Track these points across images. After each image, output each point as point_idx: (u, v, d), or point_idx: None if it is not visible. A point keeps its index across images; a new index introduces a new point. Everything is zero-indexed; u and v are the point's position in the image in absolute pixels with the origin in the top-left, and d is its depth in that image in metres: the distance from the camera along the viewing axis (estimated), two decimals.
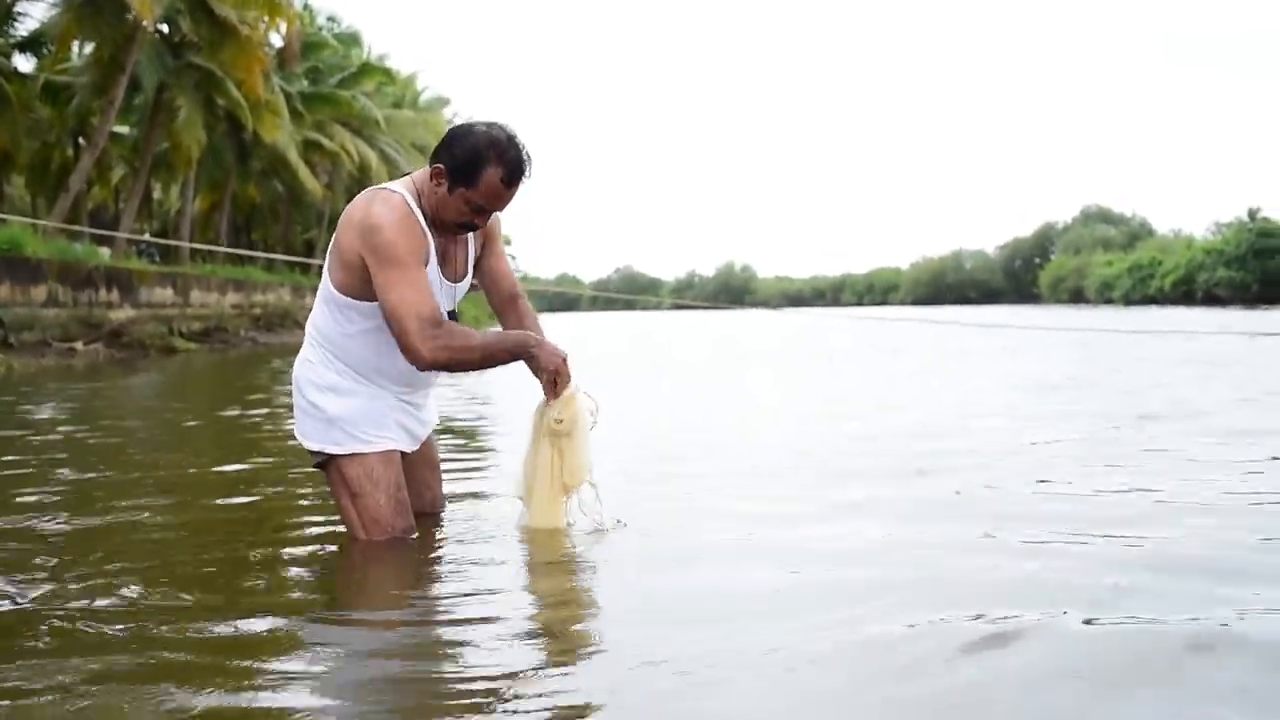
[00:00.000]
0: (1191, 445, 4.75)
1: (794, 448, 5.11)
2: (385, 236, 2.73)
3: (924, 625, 2.19)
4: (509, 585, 2.65)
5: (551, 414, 2.98)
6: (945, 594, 2.43)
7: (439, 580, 2.70)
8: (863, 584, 2.54)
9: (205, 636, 2.23)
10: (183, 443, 5.91)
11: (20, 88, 22.36)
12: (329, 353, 2.94)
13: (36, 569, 2.81)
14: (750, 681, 1.94)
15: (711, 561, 2.85)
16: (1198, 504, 3.42)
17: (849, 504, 3.58)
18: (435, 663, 2.10)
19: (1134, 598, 2.36)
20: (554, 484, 3.02)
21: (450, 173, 2.78)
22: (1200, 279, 61.84)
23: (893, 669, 1.98)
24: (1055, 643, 2.09)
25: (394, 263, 2.73)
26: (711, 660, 2.04)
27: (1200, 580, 2.50)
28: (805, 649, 2.08)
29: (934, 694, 1.87)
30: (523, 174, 2.81)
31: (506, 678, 1.98)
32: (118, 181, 30.60)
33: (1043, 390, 8.08)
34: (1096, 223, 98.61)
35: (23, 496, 3.93)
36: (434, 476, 3.29)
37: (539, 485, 3.04)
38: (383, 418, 2.95)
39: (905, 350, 15.03)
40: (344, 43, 35.79)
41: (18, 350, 14.49)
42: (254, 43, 22.41)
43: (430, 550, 2.96)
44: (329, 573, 2.83)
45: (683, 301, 21.42)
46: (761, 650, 2.08)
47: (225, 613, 2.39)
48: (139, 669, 2.02)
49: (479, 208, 2.82)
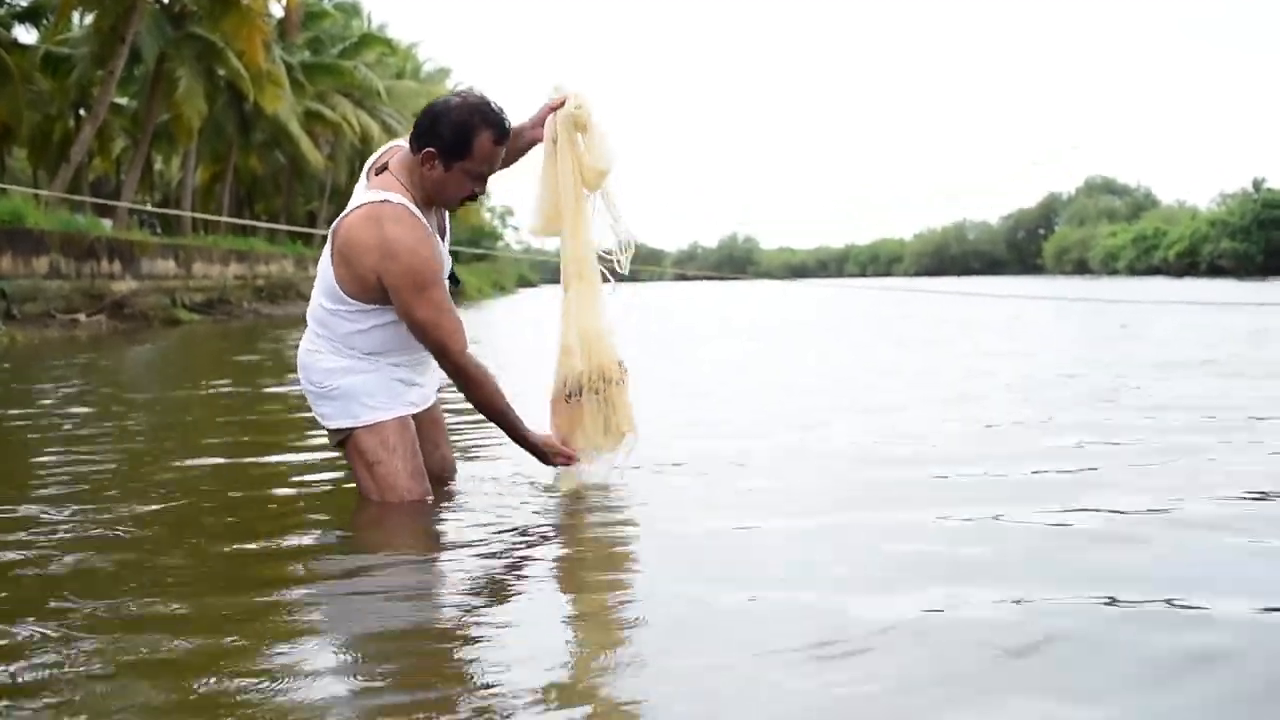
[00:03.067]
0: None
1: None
2: (412, 262, 2.79)
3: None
4: (526, 547, 2.66)
5: (569, 105, 3.03)
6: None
7: (456, 543, 2.70)
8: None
9: (208, 614, 2.23)
10: (183, 413, 5.92)
11: (21, 59, 22.26)
12: (336, 345, 2.96)
13: (38, 554, 2.81)
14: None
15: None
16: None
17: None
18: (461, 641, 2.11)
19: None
20: (576, 183, 3.06)
21: (444, 153, 2.83)
22: (1205, 250, 61.60)
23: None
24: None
25: (425, 285, 2.81)
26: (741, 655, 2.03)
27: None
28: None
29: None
30: (508, 129, 2.87)
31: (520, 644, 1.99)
32: (119, 153, 30.48)
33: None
34: (1101, 194, 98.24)
35: (24, 473, 3.94)
36: (441, 435, 3.32)
37: (559, 190, 3.07)
38: (394, 386, 2.99)
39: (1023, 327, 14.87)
40: (344, 13, 35.54)
41: (20, 322, 14.49)
42: (255, 12, 22.24)
43: (444, 514, 2.97)
44: (345, 536, 2.84)
45: (685, 271, 21.35)
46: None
47: (236, 585, 2.39)
48: (150, 644, 2.03)
49: (479, 175, 2.89)
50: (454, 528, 2.84)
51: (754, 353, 10.05)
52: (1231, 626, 1.99)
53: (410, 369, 3.05)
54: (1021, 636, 1.94)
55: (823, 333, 13.37)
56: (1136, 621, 2.02)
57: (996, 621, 2.02)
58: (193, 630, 2.03)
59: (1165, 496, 3.03)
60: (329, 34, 33.26)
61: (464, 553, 2.59)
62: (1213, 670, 1.81)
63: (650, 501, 3.16)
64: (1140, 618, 2.04)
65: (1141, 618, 2.04)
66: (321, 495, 3.31)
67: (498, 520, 2.88)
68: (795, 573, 2.42)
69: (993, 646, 1.89)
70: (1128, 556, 2.48)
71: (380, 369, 2.98)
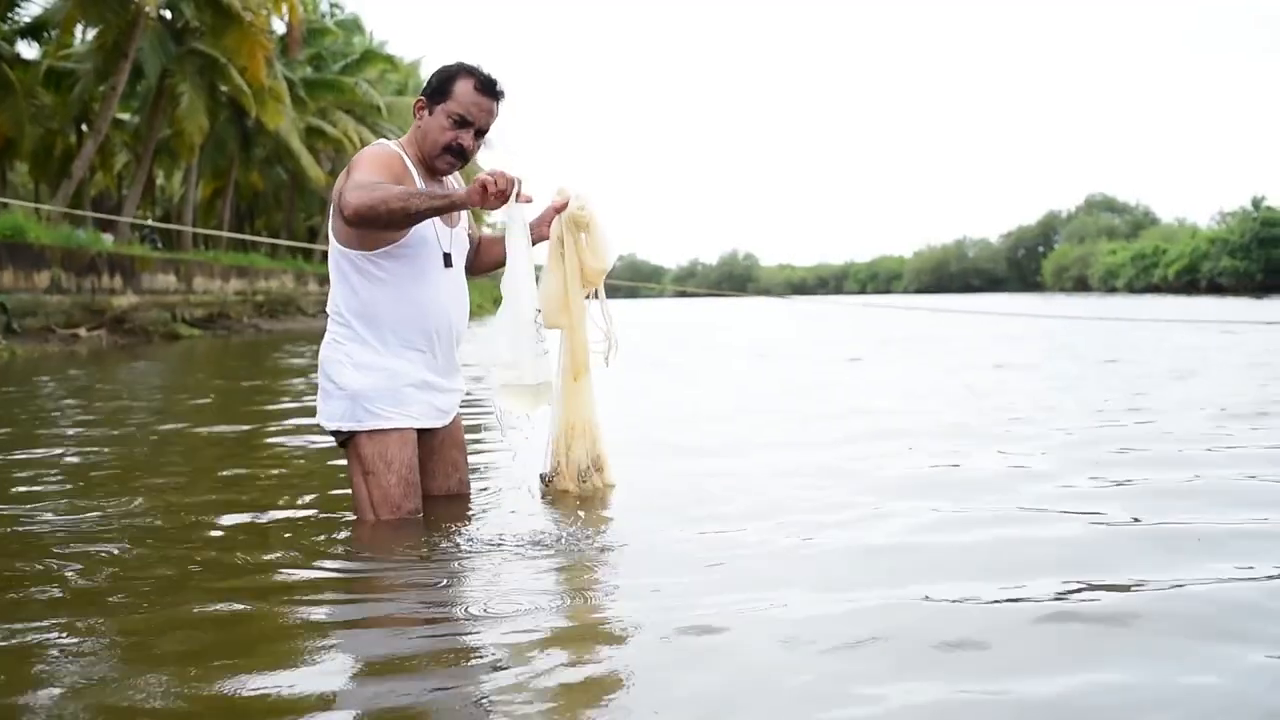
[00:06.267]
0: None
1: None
2: (358, 157, 2.93)
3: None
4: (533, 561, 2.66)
5: (572, 206, 3.23)
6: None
7: (456, 557, 2.71)
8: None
9: (208, 612, 2.24)
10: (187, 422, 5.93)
11: (23, 74, 22.34)
12: (350, 325, 3.00)
13: (38, 555, 2.82)
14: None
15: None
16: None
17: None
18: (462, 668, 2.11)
19: None
20: (574, 278, 3.28)
21: (429, 97, 2.99)
22: (1204, 268, 61.61)
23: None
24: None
25: (353, 169, 2.89)
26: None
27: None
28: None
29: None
30: (494, 81, 2.98)
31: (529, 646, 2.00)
32: (121, 168, 30.56)
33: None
34: (1101, 211, 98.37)
35: (22, 483, 3.95)
36: (462, 457, 3.34)
37: (564, 287, 3.29)
38: (402, 395, 3.00)
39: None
40: (346, 29, 35.67)
41: (21, 336, 14.51)
42: (256, 29, 22.33)
43: (448, 528, 2.99)
44: (341, 550, 2.84)
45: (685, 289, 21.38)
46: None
47: (233, 588, 2.40)
48: (143, 651, 2.03)
49: (460, 119, 2.97)
50: (443, 543, 2.84)
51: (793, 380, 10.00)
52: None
53: (431, 373, 3.05)
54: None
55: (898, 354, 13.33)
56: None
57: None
58: (179, 640, 2.04)
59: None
60: (330, 50, 33.38)
61: (453, 568, 2.60)
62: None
63: (647, 510, 3.17)
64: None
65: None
66: (313, 505, 3.32)
67: (490, 534, 2.90)
68: (796, 576, 2.43)
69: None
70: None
71: (394, 373, 2.98)
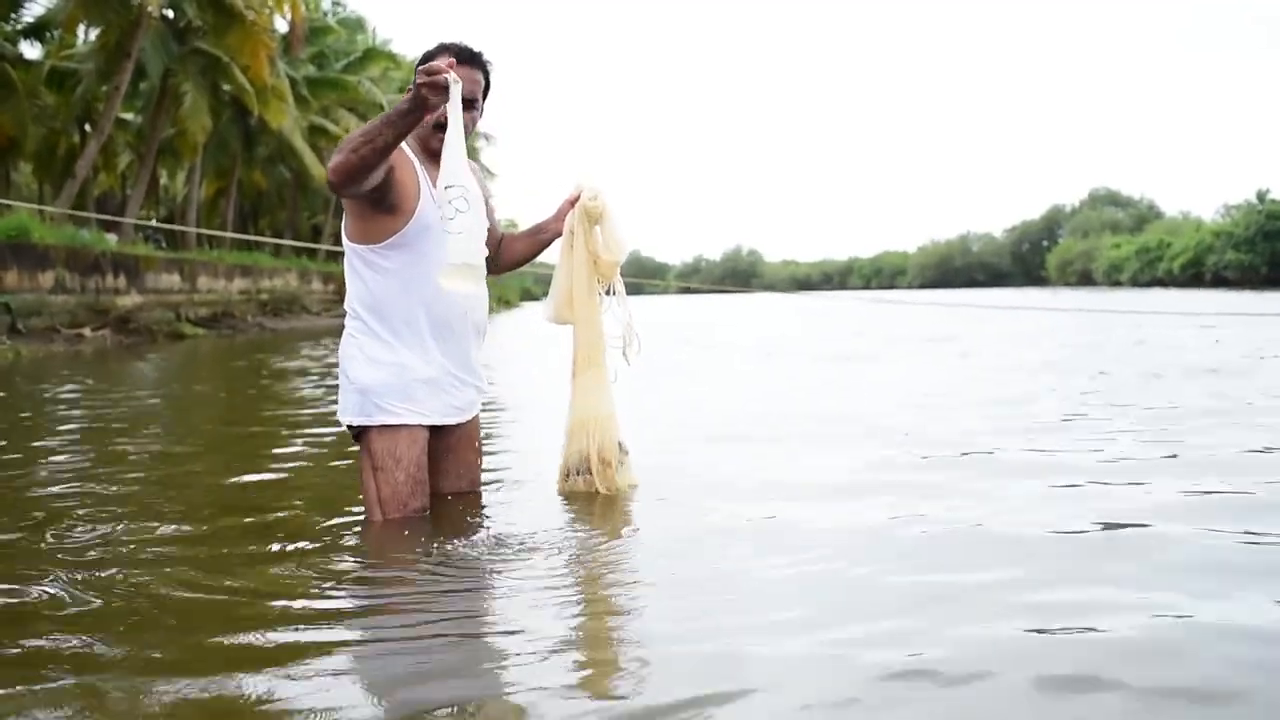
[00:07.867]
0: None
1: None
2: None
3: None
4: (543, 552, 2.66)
5: (585, 197, 3.21)
6: None
7: (461, 555, 2.71)
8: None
9: (219, 617, 2.23)
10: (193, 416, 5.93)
11: (26, 74, 22.36)
12: (363, 319, 3.03)
13: (44, 557, 2.82)
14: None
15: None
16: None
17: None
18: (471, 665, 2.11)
19: None
20: (582, 271, 3.24)
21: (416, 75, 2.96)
22: (1209, 261, 61.48)
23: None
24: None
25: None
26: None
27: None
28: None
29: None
30: (474, 51, 3.02)
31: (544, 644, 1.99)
32: (124, 168, 30.57)
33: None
34: (1104, 205, 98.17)
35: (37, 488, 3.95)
36: (477, 459, 3.33)
37: (573, 279, 3.26)
38: (412, 391, 3.01)
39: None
40: (349, 27, 35.70)
41: (26, 336, 14.53)
42: (259, 28, 22.34)
43: (457, 527, 2.99)
44: (346, 549, 2.85)
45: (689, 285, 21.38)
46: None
47: (248, 591, 2.40)
48: (146, 654, 2.03)
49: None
50: (449, 542, 2.83)
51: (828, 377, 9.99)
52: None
53: (438, 358, 3.04)
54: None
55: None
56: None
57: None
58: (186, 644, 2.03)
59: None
60: (333, 49, 33.40)
61: (460, 568, 2.60)
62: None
63: (653, 506, 3.19)
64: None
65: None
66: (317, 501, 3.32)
67: (499, 533, 2.91)
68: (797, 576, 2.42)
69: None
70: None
71: (405, 368, 2.99)
